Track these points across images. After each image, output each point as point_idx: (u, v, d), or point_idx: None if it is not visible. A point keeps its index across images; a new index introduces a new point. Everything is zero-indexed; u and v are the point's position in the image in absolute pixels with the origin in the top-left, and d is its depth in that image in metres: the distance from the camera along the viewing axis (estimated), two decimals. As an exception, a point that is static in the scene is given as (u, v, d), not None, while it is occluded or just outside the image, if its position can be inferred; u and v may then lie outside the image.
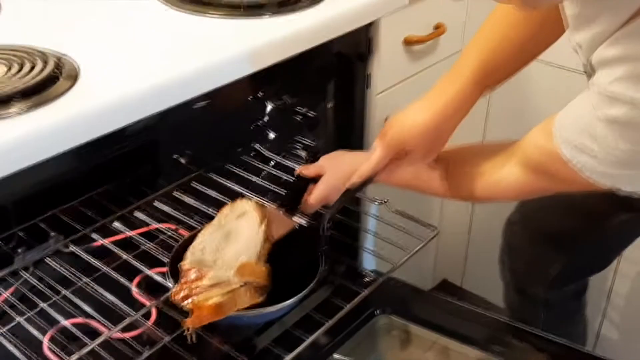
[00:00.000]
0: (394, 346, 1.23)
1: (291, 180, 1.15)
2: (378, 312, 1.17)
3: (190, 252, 0.97)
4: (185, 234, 1.11)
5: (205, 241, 0.98)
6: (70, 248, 1.10)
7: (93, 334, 0.92)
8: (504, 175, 0.88)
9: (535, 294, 1.25)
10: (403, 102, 1.27)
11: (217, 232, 1.00)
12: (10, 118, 0.70)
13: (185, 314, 0.92)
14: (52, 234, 1.10)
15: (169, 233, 1.13)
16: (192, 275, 0.89)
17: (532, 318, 1.25)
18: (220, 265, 0.93)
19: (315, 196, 1.03)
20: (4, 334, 0.94)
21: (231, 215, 1.02)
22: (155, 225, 1.15)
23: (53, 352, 0.94)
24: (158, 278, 1.03)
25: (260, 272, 0.92)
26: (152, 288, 1.01)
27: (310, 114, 1.22)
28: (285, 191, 1.12)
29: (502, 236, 1.29)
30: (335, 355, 1.11)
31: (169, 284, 0.95)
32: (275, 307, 0.92)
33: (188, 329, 0.86)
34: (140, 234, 1.12)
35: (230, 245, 0.97)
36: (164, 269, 1.04)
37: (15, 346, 0.91)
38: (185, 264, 0.93)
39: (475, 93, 0.93)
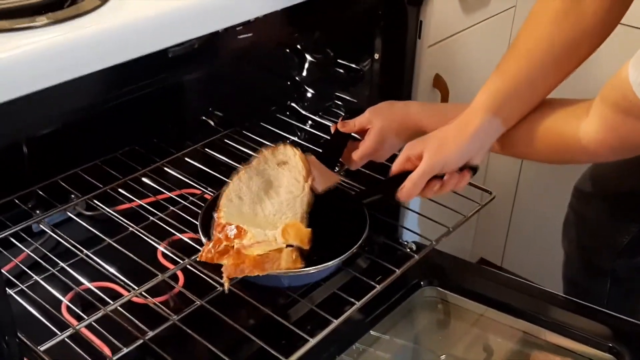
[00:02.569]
0: (437, 323, 1.15)
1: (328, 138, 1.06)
2: (424, 283, 1.08)
3: (225, 197, 0.88)
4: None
5: (242, 187, 0.90)
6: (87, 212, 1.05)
7: (117, 297, 0.87)
8: (583, 129, 0.78)
9: (601, 265, 1.16)
10: (454, 58, 1.19)
11: (256, 178, 0.91)
12: (32, 30, 0.63)
13: (218, 273, 0.84)
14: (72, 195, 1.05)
15: (192, 199, 1.06)
16: (231, 231, 0.81)
17: (596, 292, 1.17)
18: (261, 219, 0.85)
19: (362, 152, 0.93)
20: (24, 290, 0.89)
21: (272, 160, 0.93)
22: (177, 191, 1.08)
23: (71, 312, 0.89)
24: (187, 240, 0.96)
25: (305, 234, 0.83)
26: (177, 256, 0.94)
27: (353, 67, 1.13)
28: (320, 150, 1.04)
29: (569, 203, 1.19)
30: (372, 332, 1.03)
31: (203, 238, 0.87)
32: (315, 267, 0.84)
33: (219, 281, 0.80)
34: (164, 200, 1.06)
35: (270, 196, 0.89)
36: (189, 234, 0.97)
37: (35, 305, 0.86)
38: (222, 215, 0.85)
39: (491, 125, 0.84)
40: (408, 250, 1.07)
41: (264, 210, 0.87)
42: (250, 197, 0.89)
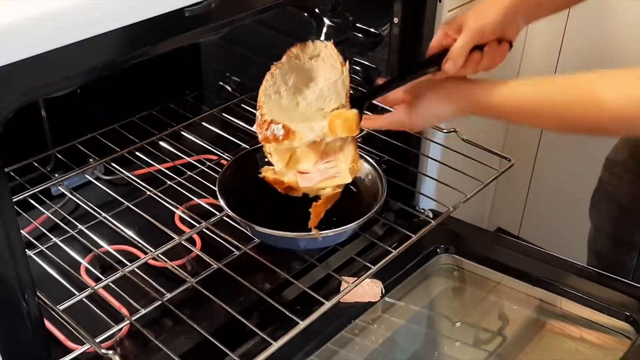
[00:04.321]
0: (452, 290, 1.15)
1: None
2: (440, 250, 1.08)
3: (263, 94, 0.85)
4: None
5: (278, 82, 0.87)
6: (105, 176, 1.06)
7: (135, 260, 0.87)
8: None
9: (630, 240, 1.14)
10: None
11: (290, 73, 0.88)
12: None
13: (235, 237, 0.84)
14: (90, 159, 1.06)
15: (209, 164, 1.06)
16: (278, 131, 0.79)
17: (623, 265, 1.13)
18: (304, 108, 0.83)
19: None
20: (43, 252, 0.90)
21: (302, 56, 0.91)
22: (195, 156, 1.08)
23: (90, 274, 0.89)
24: (204, 204, 0.96)
25: (352, 121, 0.81)
26: (195, 220, 0.94)
27: (372, 32, 1.11)
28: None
29: (600, 175, 1.17)
30: (388, 299, 1.03)
31: (222, 202, 0.87)
32: (333, 230, 0.83)
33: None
34: (181, 165, 1.06)
35: (309, 86, 0.86)
36: (207, 199, 0.97)
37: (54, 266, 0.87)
38: (265, 112, 0.82)
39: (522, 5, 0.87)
40: (424, 217, 1.06)
41: (306, 99, 0.85)
42: (287, 90, 0.86)
